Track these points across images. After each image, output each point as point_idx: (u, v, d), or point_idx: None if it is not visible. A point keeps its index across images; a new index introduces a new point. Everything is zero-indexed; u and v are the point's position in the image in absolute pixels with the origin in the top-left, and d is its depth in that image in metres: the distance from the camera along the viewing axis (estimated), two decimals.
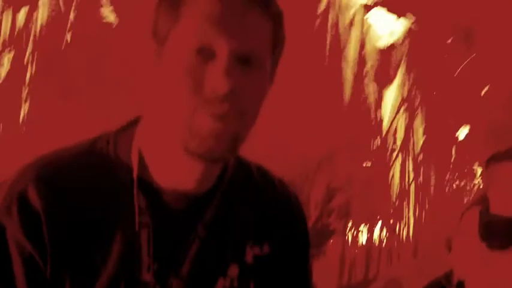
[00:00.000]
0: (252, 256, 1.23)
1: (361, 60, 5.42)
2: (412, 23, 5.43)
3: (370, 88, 5.45)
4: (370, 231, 5.26)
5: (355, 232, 5.12)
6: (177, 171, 1.13)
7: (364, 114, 5.35)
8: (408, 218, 5.62)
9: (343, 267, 4.96)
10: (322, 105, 4.80)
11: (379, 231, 5.34)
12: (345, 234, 4.84)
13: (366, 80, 5.42)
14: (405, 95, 5.51)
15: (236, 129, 1.09)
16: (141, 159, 1.15)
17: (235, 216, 1.22)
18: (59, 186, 1.12)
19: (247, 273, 1.21)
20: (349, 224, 4.98)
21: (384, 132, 5.48)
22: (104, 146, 1.17)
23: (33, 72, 4.75)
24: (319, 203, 4.55)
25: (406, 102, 5.46)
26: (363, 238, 5.25)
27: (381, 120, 5.53)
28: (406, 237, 5.59)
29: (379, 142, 5.48)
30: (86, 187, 1.13)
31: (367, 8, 5.44)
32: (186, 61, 1.07)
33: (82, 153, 1.17)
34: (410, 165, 5.67)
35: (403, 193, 5.62)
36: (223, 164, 1.16)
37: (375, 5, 5.40)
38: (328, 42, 5.34)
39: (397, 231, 5.45)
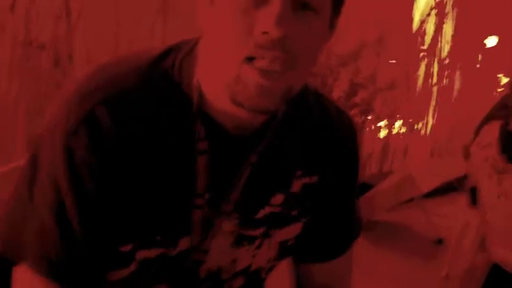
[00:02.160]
0: (300, 185, 1.22)
1: None
2: None
3: None
4: (389, 128, 5.30)
5: (374, 127, 5.16)
6: (229, 111, 1.10)
7: (395, 12, 5.31)
8: (428, 118, 5.65)
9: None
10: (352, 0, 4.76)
11: (398, 129, 5.38)
12: (364, 129, 4.88)
13: None
14: None
15: (286, 84, 1.05)
16: (200, 90, 1.12)
17: (287, 146, 1.21)
18: (127, 108, 1.10)
19: (291, 201, 1.22)
20: (369, 119, 5.00)
21: (414, 32, 5.45)
22: (169, 67, 1.14)
23: None
24: (342, 96, 4.56)
25: (438, 5, 5.39)
26: (381, 134, 5.29)
27: (411, 20, 5.48)
28: (423, 137, 5.64)
29: (407, 41, 5.45)
30: (150, 110, 1.11)
31: None
32: (238, 2, 1.02)
33: (148, 72, 1.14)
34: (435, 68, 5.64)
35: (426, 94, 5.62)
36: None
37: None
38: None
39: (416, 130, 5.49)
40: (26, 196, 1.12)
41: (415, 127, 5.44)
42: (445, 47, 5.71)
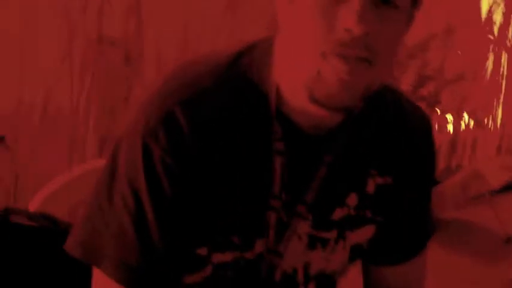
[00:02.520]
0: (374, 185, 1.22)
1: None
2: None
3: None
4: (457, 122, 5.22)
5: (441, 121, 5.09)
6: (306, 110, 1.10)
7: (462, 2, 5.22)
8: (497, 112, 5.54)
9: None
10: None
11: (466, 122, 5.30)
12: (432, 122, 4.81)
13: None
14: None
15: (367, 81, 1.05)
16: (277, 90, 1.13)
17: (362, 145, 1.20)
18: (205, 109, 1.11)
19: (366, 201, 1.22)
20: (438, 112, 4.94)
21: (482, 23, 5.35)
22: (247, 66, 1.14)
23: None
24: (409, 89, 4.51)
25: None
26: (449, 127, 5.22)
27: (480, 10, 5.38)
28: (493, 131, 5.54)
29: (475, 32, 5.35)
30: (227, 110, 1.12)
31: None
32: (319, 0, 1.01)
33: (225, 71, 1.14)
34: (504, 60, 5.53)
35: (495, 87, 5.52)
36: None
37: None
38: None
39: (484, 124, 5.39)
40: (105, 200, 1.14)
41: (484, 121, 5.34)
42: None
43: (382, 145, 1.23)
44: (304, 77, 1.05)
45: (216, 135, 1.11)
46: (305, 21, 1.04)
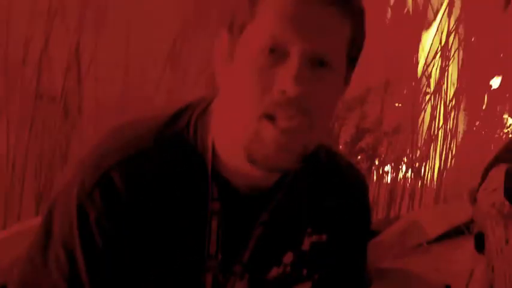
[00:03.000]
0: (309, 243, 1.22)
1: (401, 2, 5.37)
2: None
3: (408, 31, 5.41)
4: (395, 173, 5.30)
5: (380, 172, 5.15)
6: (243, 170, 1.10)
7: (400, 56, 5.33)
8: (434, 162, 5.64)
9: None
10: None
11: (403, 173, 5.37)
12: (370, 174, 4.88)
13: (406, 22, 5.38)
14: (443, 40, 5.47)
15: (304, 141, 1.05)
16: (214, 150, 1.13)
17: (298, 203, 1.21)
18: (141, 170, 1.10)
19: (301, 260, 1.22)
20: (376, 163, 5.00)
21: (419, 76, 5.47)
22: (184, 127, 1.15)
23: None
24: (348, 142, 4.57)
25: (443, 49, 5.43)
26: (387, 178, 5.28)
27: (417, 63, 5.50)
28: (430, 181, 5.63)
29: (412, 85, 5.47)
30: (164, 171, 1.11)
31: None
32: (257, 60, 1.03)
33: (162, 132, 1.14)
34: (441, 110, 5.65)
35: (432, 137, 5.62)
36: None
37: None
38: None
39: (421, 175, 5.48)
40: (39, 260, 1.13)
41: (422, 171, 5.43)
42: (451, 89, 5.72)
43: (317, 203, 1.24)
44: (243, 137, 1.06)
45: (152, 196, 1.10)
46: (243, 82, 1.05)
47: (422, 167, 5.47)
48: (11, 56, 3.09)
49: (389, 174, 5.24)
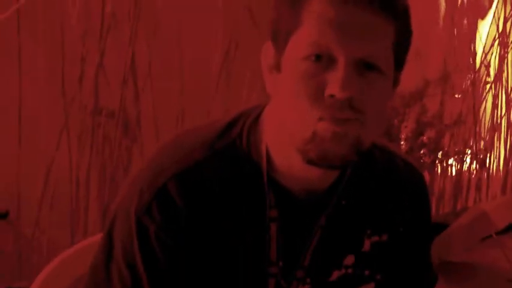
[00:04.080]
0: (370, 244, 1.23)
1: None
2: None
3: (465, 21, 5.32)
4: (460, 165, 5.22)
5: (444, 165, 5.08)
6: (299, 173, 1.13)
7: (457, 47, 5.25)
8: (499, 152, 5.54)
9: (431, 199, 4.95)
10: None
11: (468, 165, 5.29)
12: (434, 167, 4.81)
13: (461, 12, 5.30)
14: (501, 27, 5.36)
15: (358, 136, 1.08)
16: (268, 156, 1.15)
17: (356, 205, 1.22)
18: (197, 182, 1.12)
19: (363, 261, 1.23)
20: (439, 157, 4.93)
21: (478, 65, 5.38)
22: (237, 136, 1.17)
23: None
24: (409, 137, 4.52)
25: (501, 36, 5.32)
26: (452, 171, 5.21)
27: (475, 53, 5.41)
28: (496, 171, 5.52)
29: (472, 75, 5.38)
30: (220, 182, 1.13)
31: None
32: (305, 68, 1.06)
33: (216, 143, 1.16)
34: (503, 99, 5.54)
35: (495, 127, 5.52)
36: None
37: None
38: None
39: (487, 165, 5.39)
40: (102, 276, 1.15)
41: (487, 162, 5.33)
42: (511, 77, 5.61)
43: (375, 203, 1.25)
44: (299, 139, 1.07)
45: (209, 207, 1.12)
46: (294, 90, 1.06)
47: (487, 158, 5.36)
48: (67, 73, 3.14)
49: (453, 167, 5.16)
